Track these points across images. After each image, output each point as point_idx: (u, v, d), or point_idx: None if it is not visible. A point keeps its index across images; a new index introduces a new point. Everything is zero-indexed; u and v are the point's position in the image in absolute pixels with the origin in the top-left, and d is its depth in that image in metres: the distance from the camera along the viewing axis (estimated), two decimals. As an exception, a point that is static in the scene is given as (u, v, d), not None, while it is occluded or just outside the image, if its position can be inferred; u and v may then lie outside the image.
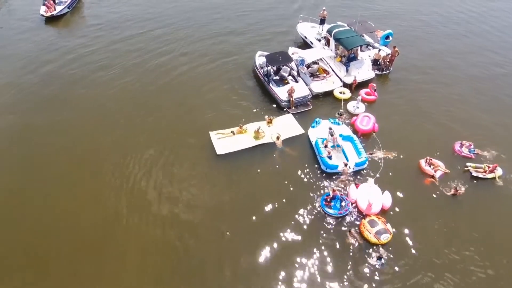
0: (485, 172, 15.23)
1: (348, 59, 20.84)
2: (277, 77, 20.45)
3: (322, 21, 22.98)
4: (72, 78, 21.19)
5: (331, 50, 21.54)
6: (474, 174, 15.31)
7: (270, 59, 19.98)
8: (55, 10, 26.78)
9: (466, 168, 15.62)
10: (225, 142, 16.78)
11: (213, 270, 12.38)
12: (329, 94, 19.94)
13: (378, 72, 21.53)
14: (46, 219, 13.77)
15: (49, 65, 22.21)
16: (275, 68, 20.33)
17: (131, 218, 13.87)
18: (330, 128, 16.90)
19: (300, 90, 19.18)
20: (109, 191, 14.79)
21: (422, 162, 15.56)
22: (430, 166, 15.41)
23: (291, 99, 18.57)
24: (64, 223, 13.65)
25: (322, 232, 13.44)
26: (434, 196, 14.64)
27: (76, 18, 27.88)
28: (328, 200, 14.07)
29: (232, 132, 17.28)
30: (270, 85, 19.62)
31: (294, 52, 22.34)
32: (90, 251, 12.82)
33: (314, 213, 14.04)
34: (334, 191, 14.18)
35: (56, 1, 27.46)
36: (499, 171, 15.15)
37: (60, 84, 20.73)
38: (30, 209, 14.09)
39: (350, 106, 18.88)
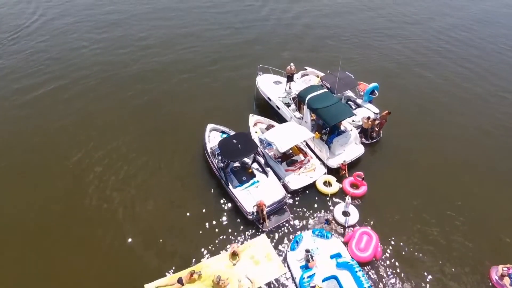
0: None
1: (330, 132, 15.74)
2: (237, 165, 14.98)
3: (290, 78, 17.48)
4: None
5: (306, 122, 16.17)
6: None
7: (226, 150, 14.08)
8: None
9: (509, 308, 11.39)
10: (170, 305, 11.08)
11: None
12: (310, 185, 14.79)
13: (365, 141, 16.72)
14: None
15: None
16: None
17: None
18: (307, 251, 12.12)
19: (272, 192, 13.80)
20: None
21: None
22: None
23: (262, 214, 13.12)
24: None
25: None
26: None
27: None
28: None
29: (180, 281, 11.58)
30: (229, 186, 13.99)
31: (258, 122, 16.88)
32: None
33: None
34: None
35: None
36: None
37: None
38: None
39: (338, 213, 13.70)
